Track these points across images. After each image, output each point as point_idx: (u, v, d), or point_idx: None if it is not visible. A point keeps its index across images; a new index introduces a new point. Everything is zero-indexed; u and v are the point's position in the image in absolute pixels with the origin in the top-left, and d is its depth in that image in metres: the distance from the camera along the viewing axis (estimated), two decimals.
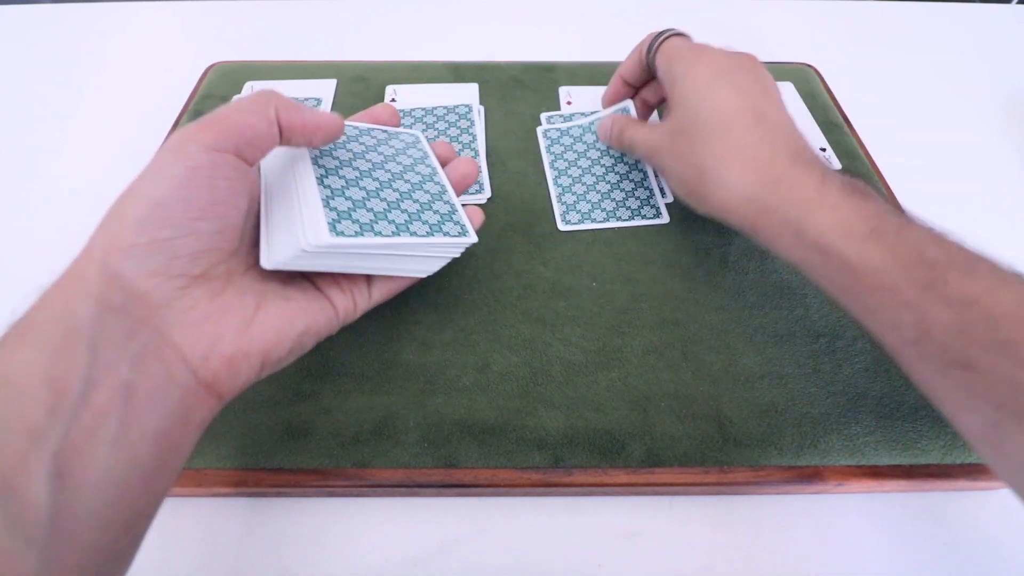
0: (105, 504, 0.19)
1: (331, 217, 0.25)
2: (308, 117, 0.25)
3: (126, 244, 0.21)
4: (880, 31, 0.61)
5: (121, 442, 0.19)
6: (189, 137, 0.23)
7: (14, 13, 0.60)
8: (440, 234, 0.28)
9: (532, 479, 0.29)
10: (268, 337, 0.24)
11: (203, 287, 0.23)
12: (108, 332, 0.20)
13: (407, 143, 0.32)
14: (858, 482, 0.29)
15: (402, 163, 0.31)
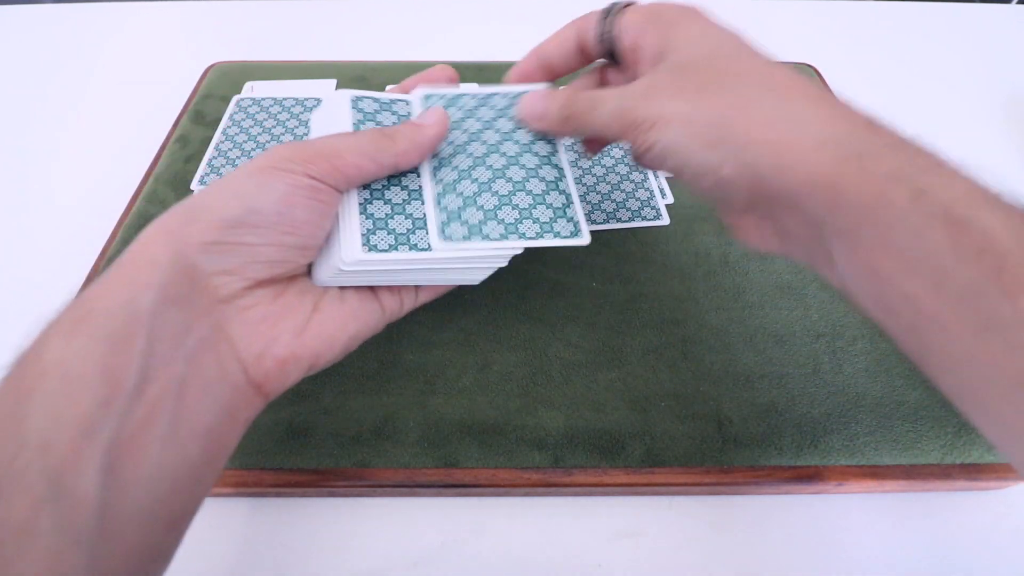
0: (153, 501, 0.19)
1: (366, 227, 0.24)
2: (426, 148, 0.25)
3: (210, 240, 0.21)
4: (880, 31, 0.61)
5: (172, 438, 0.19)
6: (296, 160, 0.23)
7: (14, 13, 0.60)
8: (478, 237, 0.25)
9: (532, 479, 0.29)
10: (321, 341, 0.24)
11: (267, 288, 0.23)
12: (167, 324, 0.20)
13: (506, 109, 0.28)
14: (858, 482, 0.29)
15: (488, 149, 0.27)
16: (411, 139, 0.25)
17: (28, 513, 0.17)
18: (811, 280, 0.36)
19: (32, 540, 0.17)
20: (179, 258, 0.21)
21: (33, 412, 0.18)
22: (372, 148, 0.24)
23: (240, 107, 0.46)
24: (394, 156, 0.24)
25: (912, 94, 0.54)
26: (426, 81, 0.30)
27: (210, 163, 0.42)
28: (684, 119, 0.22)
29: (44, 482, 0.17)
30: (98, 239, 0.38)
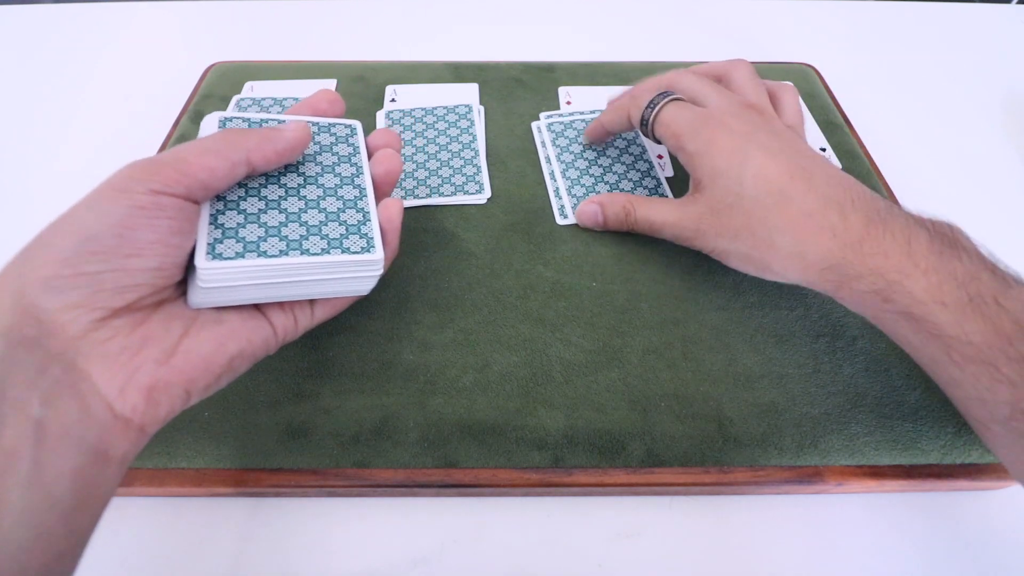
0: (20, 548, 0.18)
1: (213, 237, 0.23)
2: (281, 146, 0.25)
3: (47, 275, 0.20)
4: (880, 31, 0.61)
5: (35, 483, 0.19)
6: (137, 178, 0.22)
7: (14, 13, 0.60)
8: (338, 251, 0.24)
9: (532, 479, 0.29)
10: (193, 365, 0.23)
11: (124, 318, 0.22)
12: (17, 368, 0.19)
13: (338, 137, 0.28)
14: (858, 482, 0.29)
15: (322, 163, 0.27)
16: (264, 136, 0.24)
17: None
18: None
19: None
20: (19, 299, 0.20)
21: None
22: (220, 144, 0.23)
23: (240, 107, 0.46)
24: (245, 151, 0.23)
25: (912, 94, 0.54)
26: (309, 109, 0.29)
27: None
28: (735, 255, 0.31)
29: None
30: None
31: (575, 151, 0.43)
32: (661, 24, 0.61)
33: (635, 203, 0.36)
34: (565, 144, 0.44)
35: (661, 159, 0.43)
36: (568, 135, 0.44)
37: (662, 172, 0.42)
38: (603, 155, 0.43)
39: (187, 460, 0.29)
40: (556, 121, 0.45)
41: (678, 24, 0.61)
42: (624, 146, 0.43)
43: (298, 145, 0.26)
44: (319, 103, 0.30)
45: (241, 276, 0.23)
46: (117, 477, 0.21)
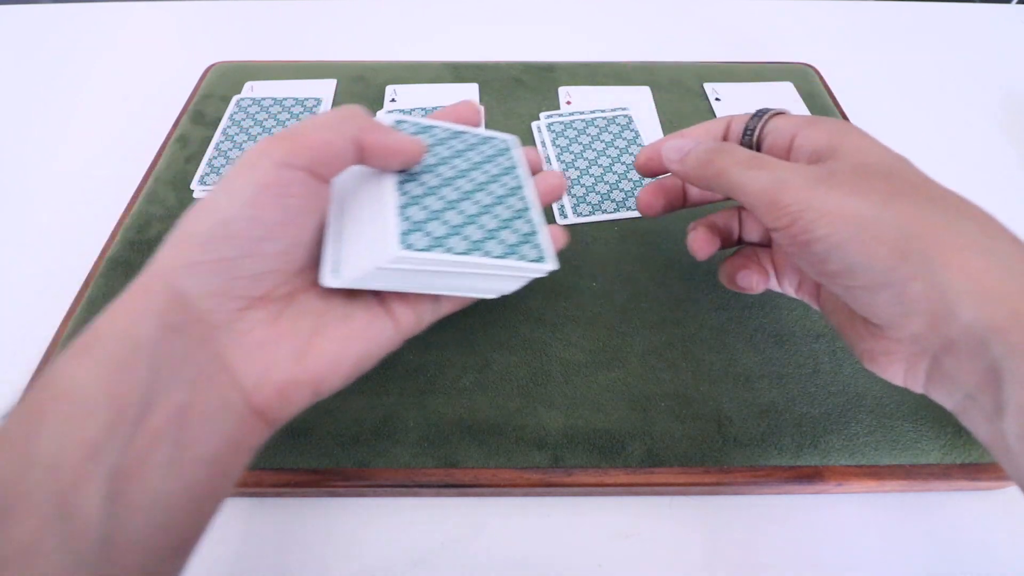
0: (155, 528, 0.19)
1: (403, 227, 0.24)
2: (390, 141, 0.24)
3: (190, 262, 0.21)
4: (880, 31, 0.61)
5: (174, 466, 0.19)
6: (262, 152, 0.22)
7: (14, 13, 0.60)
8: (515, 257, 0.25)
9: (532, 479, 0.29)
10: (322, 366, 0.23)
11: (263, 310, 0.22)
12: (168, 353, 0.20)
13: (497, 150, 0.29)
14: (858, 482, 0.29)
15: (488, 172, 0.28)
16: (376, 125, 0.24)
17: (35, 533, 0.17)
18: None
19: (37, 560, 0.17)
20: (168, 285, 0.20)
21: (44, 433, 0.18)
22: (335, 120, 0.23)
23: (240, 107, 0.46)
24: (359, 129, 0.23)
25: (912, 94, 0.54)
26: (453, 117, 0.30)
27: (210, 163, 0.42)
28: (866, 221, 0.21)
29: (51, 503, 0.17)
30: (98, 239, 0.38)
31: (575, 151, 0.43)
32: (661, 24, 0.61)
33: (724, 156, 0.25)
34: (565, 144, 0.44)
35: None
36: (568, 135, 0.44)
37: None
38: (603, 155, 0.43)
39: None
40: (556, 121, 0.45)
41: (678, 24, 0.61)
42: (624, 146, 0.43)
43: (412, 154, 0.25)
44: (464, 111, 0.30)
45: (427, 265, 0.24)
46: (243, 468, 0.22)
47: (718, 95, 0.49)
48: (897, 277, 0.20)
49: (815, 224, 0.21)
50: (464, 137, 0.29)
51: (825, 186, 0.22)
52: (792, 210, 0.22)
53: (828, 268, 0.22)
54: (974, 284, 0.19)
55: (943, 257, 0.19)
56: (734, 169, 0.24)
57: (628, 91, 0.49)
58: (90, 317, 0.34)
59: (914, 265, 0.20)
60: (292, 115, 0.45)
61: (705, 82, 0.50)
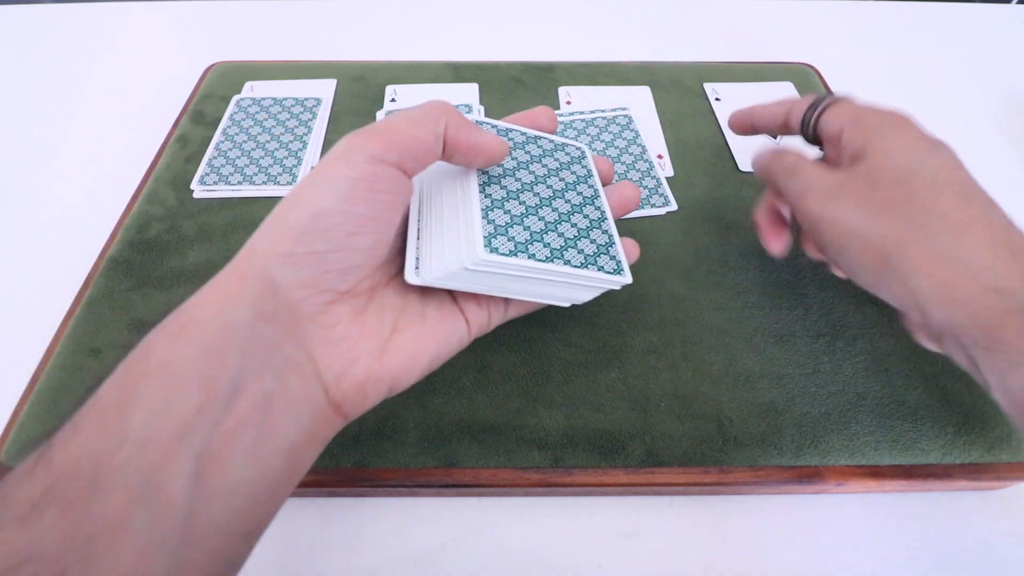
0: (234, 512, 0.19)
1: (487, 231, 0.24)
2: (474, 139, 0.24)
3: (284, 251, 0.21)
4: (880, 31, 0.61)
5: (256, 452, 0.19)
6: (356, 145, 0.22)
7: (14, 13, 0.60)
8: (594, 267, 0.25)
9: (532, 479, 0.29)
10: (400, 364, 0.23)
11: (347, 304, 0.23)
12: (258, 340, 0.20)
13: (572, 157, 0.30)
14: (858, 482, 0.29)
15: (565, 180, 0.28)
16: (464, 121, 0.24)
17: (123, 508, 0.17)
18: (811, 280, 0.36)
19: (124, 536, 0.17)
20: (262, 273, 0.21)
21: (136, 409, 0.18)
22: (425, 116, 0.23)
23: (240, 107, 0.46)
24: (447, 125, 0.23)
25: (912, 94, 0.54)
26: (530, 123, 0.30)
27: (210, 163, 0.42)
28: (859, 232, 0.25)
29: (140, 480, 0.17)
30: (98, 239, 0.38)
31: None
32: (661, 24, 0.61)
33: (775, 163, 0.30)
34: None
35: (661, 159, 0.43)
36: (568, 135, 0.44)
37: (662, 172, 0.42)
38: (603, 155, 0.43)
39: None
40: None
41: (678, 24, 0.61)
42: (624, 146, 0.43)
43: (496, 153, 0.25)
44: (539, 117, 0.30)
45: (509, 269, 0.24)
46: (315, 457, 0.22)
47: (718, 95, 0.49)
48: (883, 281, 0.25)
49: (824, 232, 0.26)
50: (540, 143, 0.29)
51: (835, 197, 0.26)
52: (809, 218, 0.27)
53: (841, 266, 0.27)
54: (940, 291, 0.23)
55: (916, 268, 0.23)
56: (779, 176, 0.29)
57: (628, 91, 0.49)
58: (90, 317, 0.34)
59: (894, 273, 0.24)
60: (292, 115, 0.45)
61: (705, 82, 0.50)
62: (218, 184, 0.41)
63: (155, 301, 0.34)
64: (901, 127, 0.27)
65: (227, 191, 0.40)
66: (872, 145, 0.26)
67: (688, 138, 0.45)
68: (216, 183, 0.41)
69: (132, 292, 0.35)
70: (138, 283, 0.35)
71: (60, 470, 0.17)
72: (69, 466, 0.17)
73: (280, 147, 0.43)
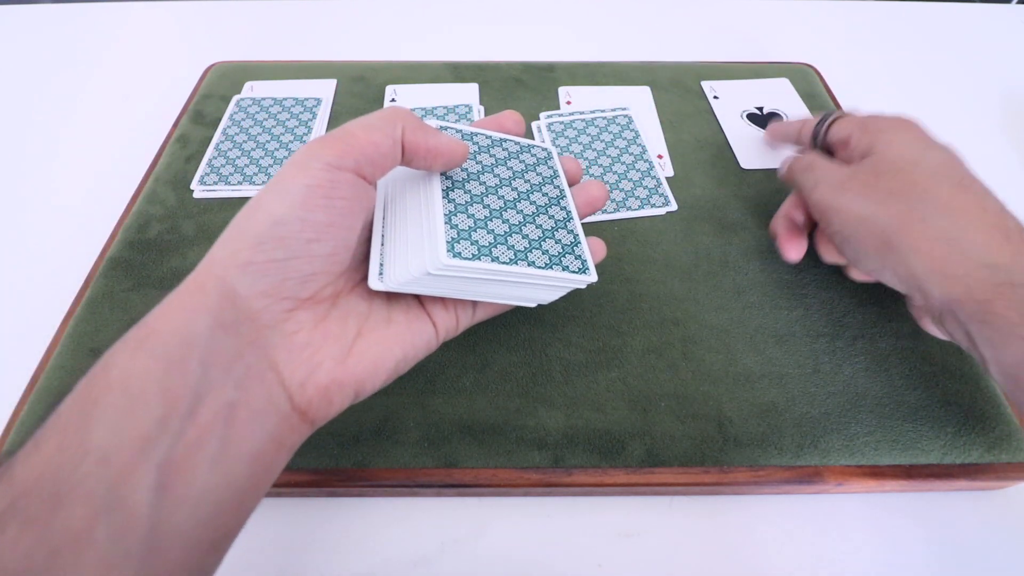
0: (199, 522, 0.19)
1: (450, 236, 0.24)
2: (432, 142, 0.24)
3: (243, 260, 0.21)
4: (880, 31, 0.61)
5: (220, 461, 0.19)
6: (312, 152, 0.22)
7: (14, 13, 0.60)
8: (559, 267, 0.25)
9: (532, 479, 0.29)
10: (364, 368, 0.23)
11: (310, 310, 0.23)
12: (219, 350, 0.20)
13: (538, 158, 0.30)
14: (858, 482, 0.29)
15: (530, 181, 0.28)
16: (421, 125, 0.24)
17: (86, 522, 0.17)
18: (811, 280, 0.36)
19: (87, 550, 0.17)
20: (221, 283, 0.21)
21: (97, 424, 0.18)
22: (382, 121, 0.23)
23: (240, 107, 0.46)
24: (405, 130, 0.24)
25: (911, 94, 0.54)
26: (496, 127, 0.30)
27: (210, 163, 0.42)
28: (863, 218, 0.27)
29: (102, 493, 0.17)
30: (98, 239, 0.38)
31: (575, 151, 0.43)
32: (661, 24, 0.61)
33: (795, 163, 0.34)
34: (565, 144, 0.44)
35: (661, 158, 0.43)
36: (568, 135, 0.44)
37: (662, 172, 0.42)
38: (603, 155, 0.43)
39: None
40: (556, 121, 0.45)
41: (678, 24, 0.61)
42: (624, 146, 0.43)
43: (455, 155, 0.25)
44: (505, 121, 0.30)
45: (473, 273, 0.24)
46: (283, 465, 0.22)
47: (716, 93, 0.49)
48: (886, 264, 0.27)
49: (832, 221, 0.29)
50: (506, 145, 0.29)
51: (843, 188, 0.29)
52: (820, 208, 0.30)
53: (847, 255, 0.30)
54: (937, 268, 0.25)
55: (915, 248, 0.26)
56: (797, 172, 0.33)
57: (628, 91, 0.49)
58: (90, 317, 0.34)
59: (895, 254, 0.26)
60: (292, 115, 0.45)
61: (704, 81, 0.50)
62: (218, 184, 0.41)
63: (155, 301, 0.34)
64: (905, 127, 0.30)
65: (227, 191, 0.40)
66: (879, 142, 0.29)
67: (688, 138, 0.45)
68: (216, 183, 0.41)
69: (132, 292, 0.35)
70: (138, 283, 0.35)
71: (22, 486, 0.17)
72: (31, 482, 0.17)
73: (280, 147, 0.43)
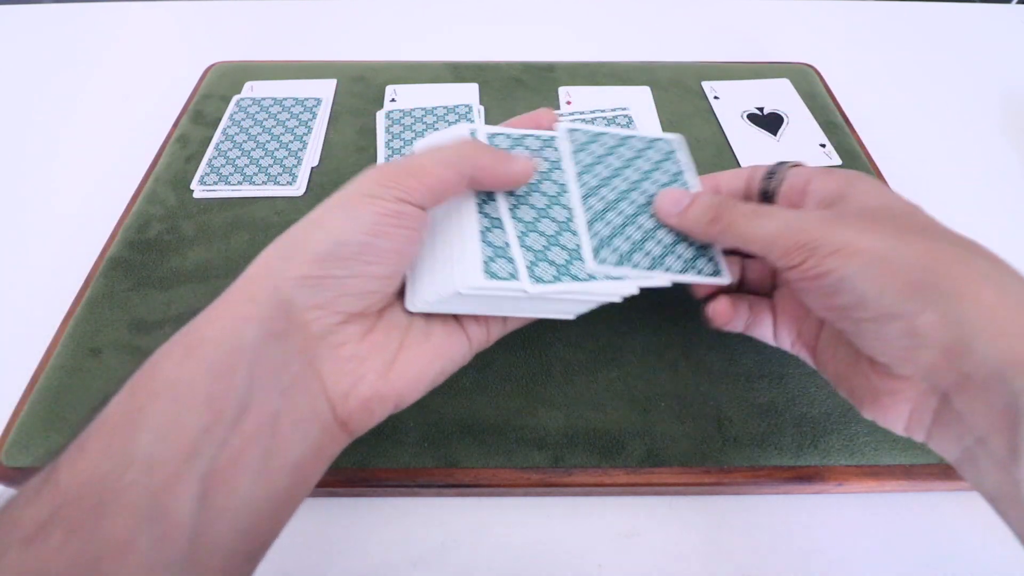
0: (239, 532, 0.19)
1: (487, 255, 0.24)
2: (502, 172, 0.24)
3: (301, 274, 0.21)
4: (880, 31, 0.61)
5: (262, 471, 0.19)
6: (385, 184, 0.22)
7: (14, 13, 0.60)
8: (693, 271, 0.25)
9: (532, 479, 0.29)
10: (406, 382, 0.24)
11: (358, 324, 0.23)
12: (267, 359, 0.20)
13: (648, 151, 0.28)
14: (858, 482, 0.29)
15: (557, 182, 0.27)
16: (497, 158, 0.24)
17: (129, 531, 0.17)
18: None
19: (129, 558, 0.17)
20: (276, 293, 0.21)
21: (142, 430, 0.18)
22: (456, 158, 0.23)
23: (240, 107, 0.46)
24: (472, 168, 0.24)
25: (911, 94, 0.54)
26: (531, 123, 0.30)
27: (210, 163, 0.42)
28: (879, 255, 0.21)
29: (146, 502, 0.17)
30: (98, 239, 0.38)
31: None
32: (661, 24, 0.61)
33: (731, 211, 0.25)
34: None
35: None
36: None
37: None
38: None
39: None
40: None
41: (678, 24, 0.61)
42: None
43: (523, 180, 0.25)
44: (542, 119, 0.30)
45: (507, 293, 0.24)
46: (320, 475, 0.22)
47: (716, 93, 0.49)
48: (909, 308, 0.20)
49: (828, 258, 0.22)
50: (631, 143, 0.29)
51: (835, 224, 0.22)
52: (805, 247, 0.22)
53: (838, 302, 0.22)
54: (990, 318, 0.19)
55: (958, 290, 0.19)
56: (741, 220, 0.25)
57: (628, 91, 0.49)
58: (90, 317, 0.34)
59: (927, 297, 0.20)
60: (292, 115, 0.45)
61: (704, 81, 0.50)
62: (218, 184, 0.41)
63: (155, 301, 0.34)
64: (872, 180, 0.25)
65: (227, 191, 0.40)
66: (852, 190, 0.24)
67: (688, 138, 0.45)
68: (216, 183, 0.41)
69: (132, 292, 0.35)
70: (138, 283, 0.35)
71: (66, 492, 0.17)
72: (75, 488, 0.17)
73: (280, 147, 0.43)
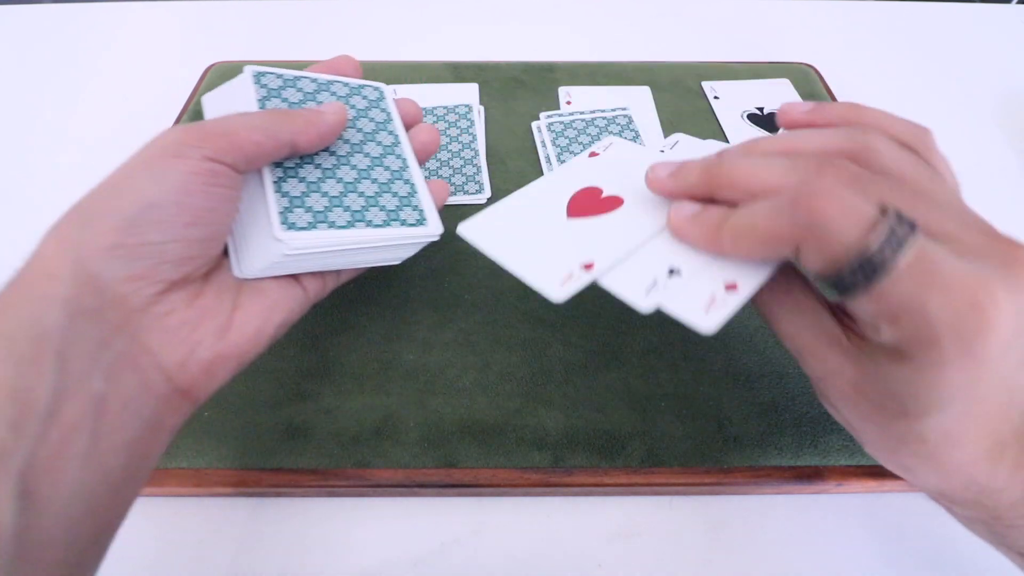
0: (73, 521, 0.18)
1: (282, 205, 0.23)
2: (324, 129, 0.24)
3: (109, 244, 0.20)
4: (880, 31, 0.61)
5: (91, 457, 0.19)
6: (190, 143, 0.21)
7: (14, 13, 0.60)
8: (397, 223, 0.24)
9: (532, 479, 0.29)
10: (247, 338, 0.23)
11: (182, 291, 0.22)
12: (79, 340, 0.19)
13: (370, 101, 0.27)
14: (858, 482, 0.29)
15: (363, 129, 0.26)
16: (308, 119, 0.24)
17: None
18: None
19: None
20: (80, 268, 0.19)
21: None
22: (268, 123, 0.23)
23: None
24: (291, 133, 0.23)
25: (911, 94, 0.54)
26: (330, 69, 0.29)
27: None
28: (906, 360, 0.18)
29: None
30: None
31: (575, 151, 0.43)
32: (661, 24, 0.61)
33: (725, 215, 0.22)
34: (565, 144, 0.44)
35: None
36: (568, 135, 0.44)
37: None
38: None
39: (187, 460, 0.29)
40: (556, 121, 0.45)
41: (678, 24, 0.61)
42: None
43: (338, 128, 0.25)
44: (342, 66, 0.29)
45: (314, 246, 0.23)
46: (165, 446, 0.22)
47: (716, 93, 0.49)
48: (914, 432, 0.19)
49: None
50: (334, 87, 0.27)
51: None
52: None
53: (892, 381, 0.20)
54: None
55: None
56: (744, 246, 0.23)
57: (628, 91, 0.49)
58: None
59: None
60: None
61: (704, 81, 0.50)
62: None
63: None
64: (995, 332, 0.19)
65: None
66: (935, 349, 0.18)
67: None
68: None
69: None
70: None
71: None
72: None
73: None
